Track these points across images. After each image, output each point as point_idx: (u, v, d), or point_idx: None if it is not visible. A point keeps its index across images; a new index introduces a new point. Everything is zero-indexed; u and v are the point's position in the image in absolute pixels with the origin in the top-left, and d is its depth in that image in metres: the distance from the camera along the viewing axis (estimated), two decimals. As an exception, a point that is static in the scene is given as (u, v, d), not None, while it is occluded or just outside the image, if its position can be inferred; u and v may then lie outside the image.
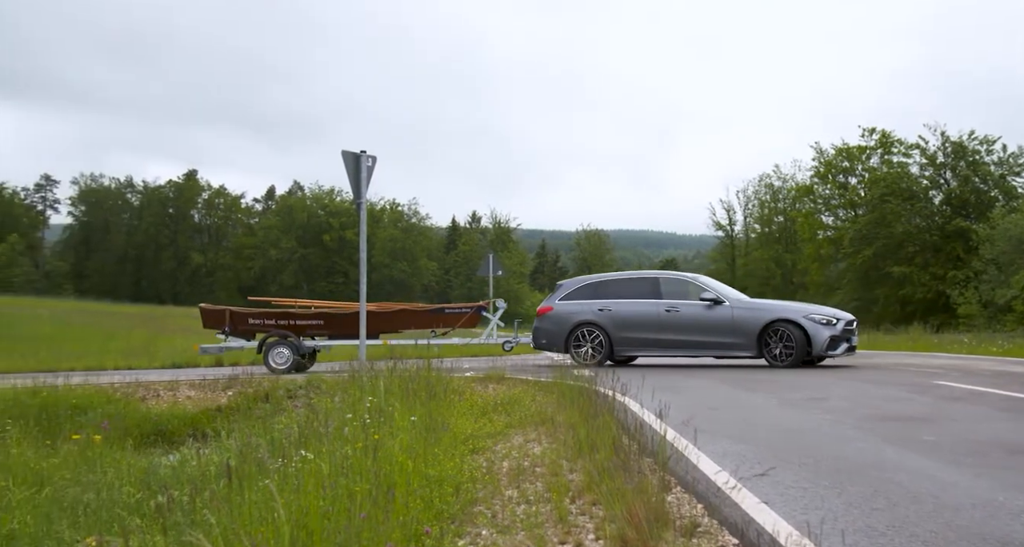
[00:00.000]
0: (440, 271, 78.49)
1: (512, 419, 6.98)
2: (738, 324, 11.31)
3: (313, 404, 7.85)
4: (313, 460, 4.30)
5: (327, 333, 13.30)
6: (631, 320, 11.78)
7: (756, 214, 62.83)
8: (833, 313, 11.47)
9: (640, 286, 12.15)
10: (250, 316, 13.25)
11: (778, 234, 60.75)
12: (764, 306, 11.84)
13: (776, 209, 61.05)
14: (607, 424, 5.42)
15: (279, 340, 12.84)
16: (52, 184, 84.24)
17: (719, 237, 65.31)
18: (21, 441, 6.98)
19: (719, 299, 11.62)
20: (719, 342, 11.44)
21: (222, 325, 13.08)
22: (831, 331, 11.06)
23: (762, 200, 62.16)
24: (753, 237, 63.26)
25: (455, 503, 4.10)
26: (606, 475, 4.13)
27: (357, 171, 11.07)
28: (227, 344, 13.11)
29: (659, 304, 11.76)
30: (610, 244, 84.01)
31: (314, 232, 76.44)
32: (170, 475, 5.83)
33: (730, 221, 64.06)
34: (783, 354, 11.12)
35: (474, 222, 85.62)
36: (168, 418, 9.94)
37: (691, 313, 11.60)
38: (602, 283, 12.57)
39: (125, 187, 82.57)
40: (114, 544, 3.01)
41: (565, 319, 12.07)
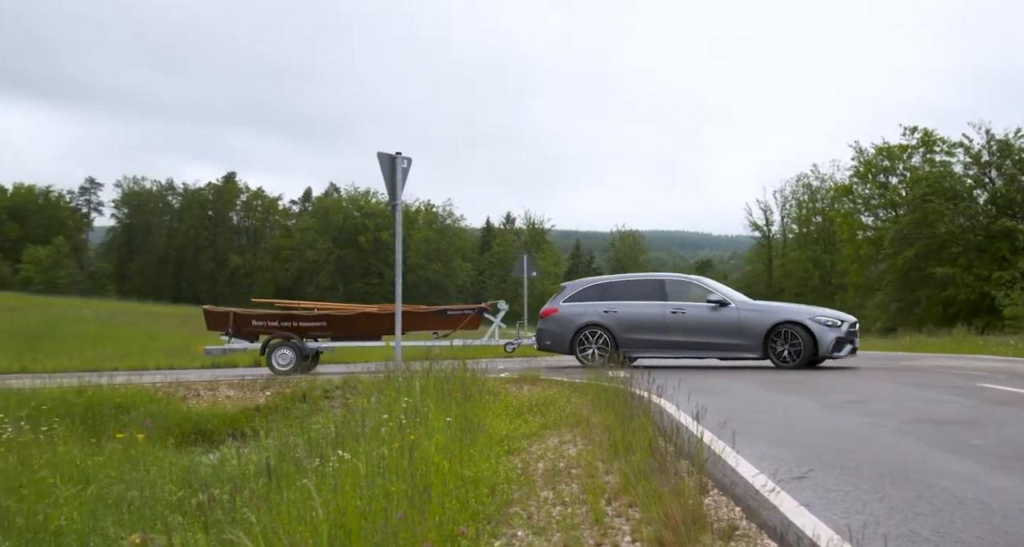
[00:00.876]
0: (474, 272, 78.75)
1: (547, 420, 6.97)
2: (744, 326, 11.40)
3: (350, 404, 7.92)
4: (350, 460, 4.34)
5: (330, 334, 13.30)
6: (637, 322, 11.85)
7: (794, 214, 62.08)
8: (837, 315, 11.58)
9: (645, 288, 12.24)
10: (253, 318, 13.25)
11: (816, 234, 59.97)
12: (770, 308, 11.99)
13: (814, 209, 60.27)
14: (643, 426, 5.38)
15: (282, 342, 12.84)
16: (96, 187, 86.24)
17: (756, 238, 64.63)
18: (68, 439, 7.14)
19: (725, 301, 11.70)
20: (725, 343, 11.51)
21: (226, 327, 13.08)
22: (836, 333, 11.18)
23: (800, 200, 61.42)
24: (791, 238, 62.52)
25: (491, 504, 4.11)
26: (642, 477, 4.10)
27: (392, 173, 11.14)
28: (231, 346, 13.11)
29: (665, 306, 11.84)
30: (645, 245, 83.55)
31: (350, 233, 77.18)
32: (210, 474, 5.92)
33: (767, 221, 63.38)
34: (790, 355, 11.20)
35: (508, 223, 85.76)
36: (208, 417, 10.10)
37: (697, 315, 11.67)
38: (607, 285, 12.65)
39: (166, 189, 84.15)
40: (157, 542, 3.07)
41: (570, 321, 12.13)
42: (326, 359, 14.99)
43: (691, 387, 7.50)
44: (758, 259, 65.07)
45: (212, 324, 13.38)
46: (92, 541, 4.39)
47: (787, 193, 62.23)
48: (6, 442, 6.77)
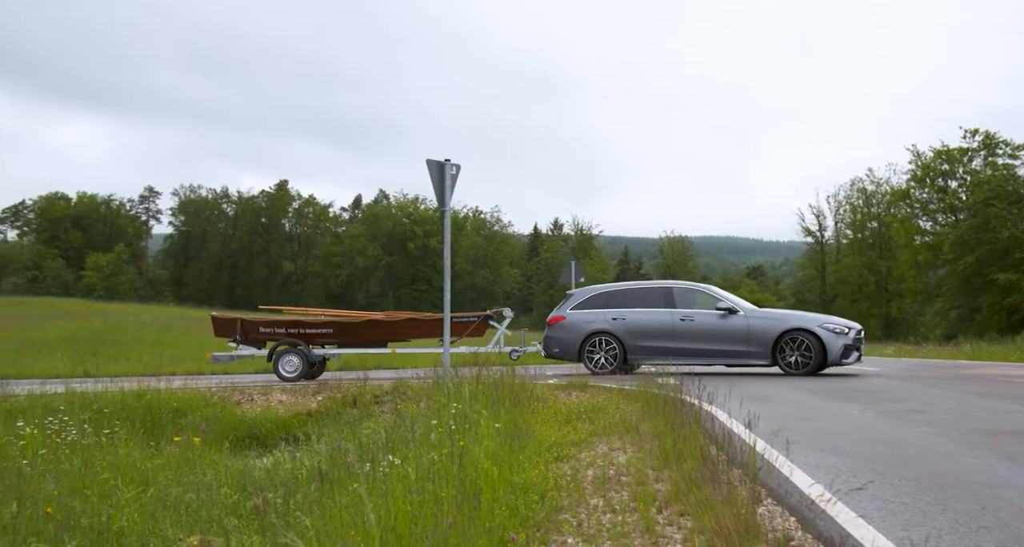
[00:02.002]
0: (522, 278, 78.85)
1: (596, 427, 6.93)
2: (754, 333, 11.50)
3: (399, 410, 7.98)
4: (400, 465, 4.37)
5: (336, 341, 13.34)
6: (646, 329, 11.96)
7: (848, 219, 60.89)
8: (844, 323, 11.68)
9: (653, 296, 12.33)
10: (261, 325, 13.31)
11: (872, 240, 58.70)
12: (779, 316, 12.04)
13: (869, 214, 59.03)
14: (694, 433, 5.32)
15: (289, 349, 12.91)
16: (155, 195, 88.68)
17: (808, 243, 63.54)
18: (128, 442, 7.35)
19: (734, 308, 11.78)
20: (734, 351, 11.59)
21: (233, 334, 13.15)
22: (844, 340, 11.30)
23: (854, 205, 60.23)
24: (845, 243, 61.31)
25: (540, 511, 4.09)
26: (694, 485, 4.05)
27: (441, 179, 11.23)
28: (238, 352, 13.17)
29: (673, 313, 11.95)
30: (694, 251, 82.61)
31: (399, 240, 77.97)
32: (264, 477, 6.02)
33: (820, 227, 62.27)
34: (800, 363, 11.32)
35: (556, 229, 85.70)
36: (262, 422, 10.26)
37: (706, 322, 11.77)
38: (614, 293, 12.67)
39: (221, 197, 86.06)
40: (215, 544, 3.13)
41: (578, 328, 12.19)
42: (375, 364, 15.15)
43: (743, 394, 7.39)
44: (810, 265, 63.94)
45: (220, 331, 13.43)
46: (152, 542, 4.50)
47: (841, 198, 61.14)
48: (71, 444, 7.00)
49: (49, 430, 7.43)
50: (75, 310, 43.87)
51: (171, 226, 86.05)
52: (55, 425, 7.59)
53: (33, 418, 7.87)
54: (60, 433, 7.37)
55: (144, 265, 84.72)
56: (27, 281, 71.27)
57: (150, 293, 74.90)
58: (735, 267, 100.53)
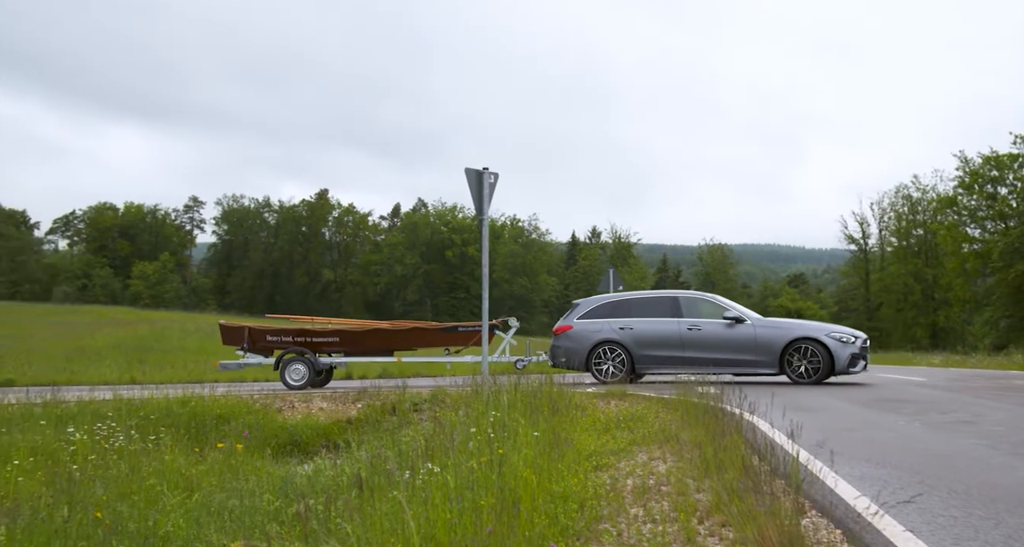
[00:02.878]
0: (560, 286, 78.73)
1: (635, 436, 6.88)
2: (761, 342, 11.58)
3: (438, 417, 8.01)
4: (440, 473, 4.38)
5: (343, 350, 13.38)
6: (653, 338, 12.03)
7: (893, 227, 59.81)
8: (851, 332, 11.75)
9: (660, 305, 12.42)
10: (268, 333, 13.40)
11: (917, 247, 57.57)
12: (786, 325, 12.12)
13: (915, 221, 57.94)
14: (735, 443, 5.25)
15: (295, 357, 12.97)
16: (199, 205, 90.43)
17: (851, 251, 62.54)
18: (173, 448, 7.48)
19: (741, 318, 11.86)
20: (741, 360, 11.64)
21: (241, 342, 13.27)
22: (851, 349, 11.39)
23: (899, 212, 59.16)
24: (889, 251, 60.24)
25: (580, 520, 4.07)
26: (735, 496, 3.99)
27: (480, 188, 11.28)
28: (246, 360, 13.28)
29: (680, 322, 12.03)
30: (734, 258, 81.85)
31: (437, 248, 78.39)
32: (305, 484, 6.08)
33: (864, 234, 61.26)
34: (808, 371, 11.40)
35: (594, 237, 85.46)
36: (302, 429, 10.37)
37: (713, 331, 11.85)
38: (621, 302, 12.73)
39: (263, 207, 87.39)
40: (258, 548, 3.17)
41: (585, 337, 12.26)
42: (413, 372, 15.23)
43: (785, 404, 7.28)
44: (854, 273, 62.91)
45: (228, 339, 13.58)
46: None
47: (885, 205, 60.14)
48: (119, 450, 7.15)
49: (98, 436, 7.60)
50: (122, 318, 44.87)
51: (214, 235, 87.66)
52: (103, 431, 7.77)
53: (83, 424, 8.07)
54: (108, 439, 7.54)
55: (188, 274, 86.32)
56: (77, 290, 73.14)
57: (194, 301, 76.27)
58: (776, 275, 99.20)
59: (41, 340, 29.22)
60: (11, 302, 60.92)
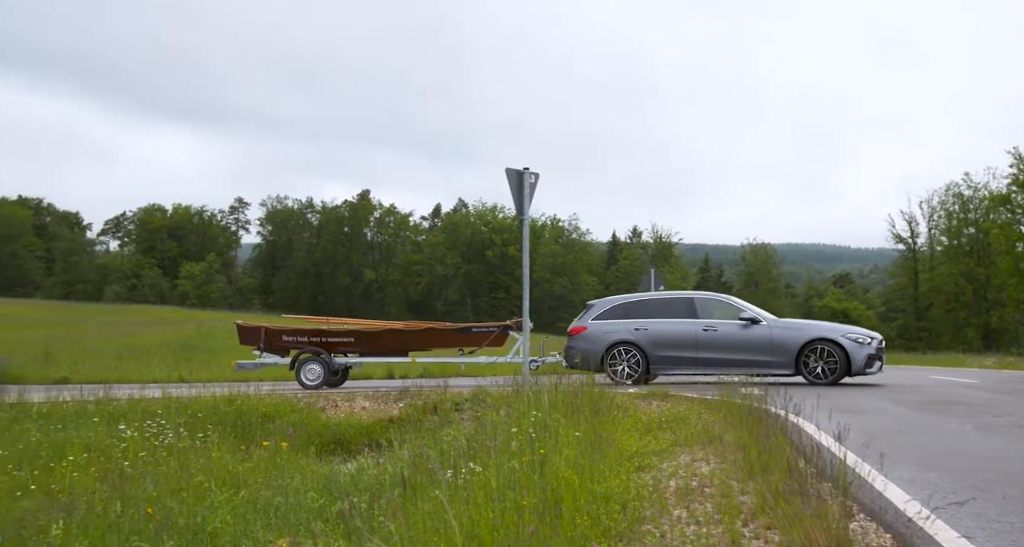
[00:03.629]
0: (600, 286, 78.38)
1: (678, 437, 6.82)
2: (777, 343, 11.59)
3: (479, 417, 8.03)
4: (481, 473, 4.40)
5: (358, 350, 13.42)
6: (668, 339, 12.06)
7: (943, 226, 58.40)
8: (867, 333, 11.74)
9: (675, 306, 12.46)
10: (284, 333, 13.45)
11: (969, 247, 56.14)
12: (801, 326, 12.15)
13: (966, 220, 56.51)
14: (780, 445, 5.18)
15: (311, 357, 13.03)
16: (244, 206, 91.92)
17: (899, 250, 61.19)
18: (220, 446, 7.61)
19: (756, 319, 11.88)
20: (757, 360, 11.57)
21: (257, 342, 13.32)
22: (868, 350, 11.36)
23: (949, 211, 57.74)
24: (939, 250, 58.84)
25: (622, 521, 4.05)
26: (781, 498, 3.94)
27: (520, 188, 11.28)
28: (262, 360, 13.33)
29: (696, 323, 12.05)
30: (777, 258, 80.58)
31: (477, 248, 78.61)
32: (349, 482, 6.14)
33: (912, 233, 59.89)
34: (824, 372, 11.37)
35: (635, 237, 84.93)
36: (345, 428, 10.48)
37: (729, 332, 11.87)
38: (636, 303, 12.74)
39: (306, 207, 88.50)
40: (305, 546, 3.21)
41: (600, 338, 12.29)
42: (454, 372, 15.29)
43: (831, 405, 7.16)
44: (902, 273, 61.57)
45: (244, 339, 13.63)
46: (244, 544, 4.65)
47: (935, 203, 58.73)
48: (168, 447, 7.31)
49: (148, 433, 7.77)
50: (170, 317, 45.83)
51: (259, 236, 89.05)
52: (153, 428, 7.94)
53: (133, 421, 8.26)
54: (158, 436, 7.71)
55: (233, 274, 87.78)
56: (127, 290, 74.90)
57: (239, 301, 77.51)
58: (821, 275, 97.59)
59: (93, 339, 30.00)
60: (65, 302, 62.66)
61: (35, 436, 7.74)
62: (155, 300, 70.12)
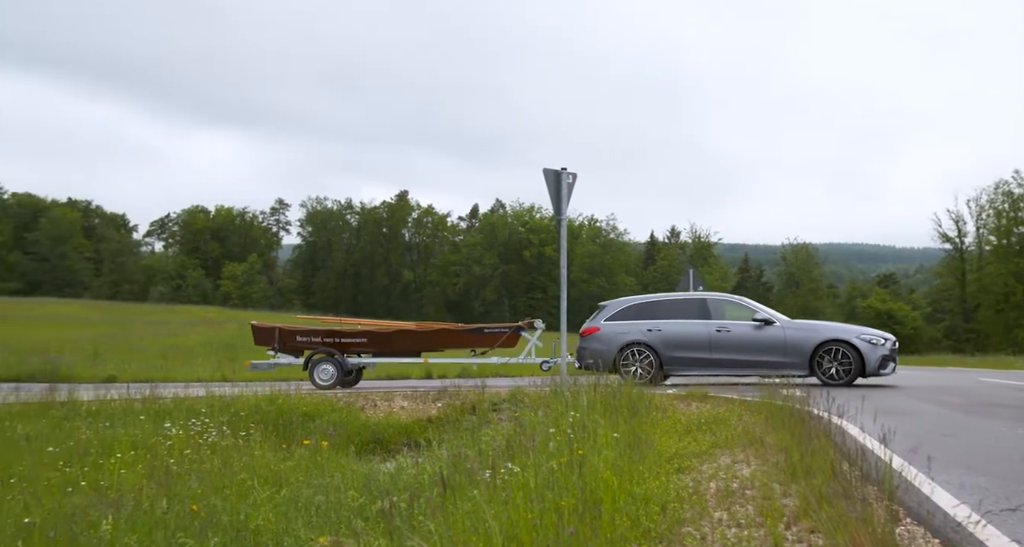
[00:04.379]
0: (638, 287, 77.95)
1: (718, 438, 6.76)
2: (791, 344, 11.59)
3: (517, 417, 8.04)
4: (520, 473, 4.40)
5: (371, 351, 13.47)
6: (682, 340, 12.07)
7: (992, 224, 57.01)
8: (880, 334, 11.74)
9: (688, 307, 12.49)
10: (298, 333, 13.56)
11: (1019, 246, 54.74)
12: (815, 327, 12.13)
13: (1017, 219, 55.13)
14: (823, 447, 5.10)
15: (324, 357, 13.11)
16: (284, 207, 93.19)
17: (946, 250, 59.89)
18: (262, 444, 7.73)
19: (770, 320, 11.89)
20: (771, 361, 11.63)
21: (272, 342, 13.46)
22: (882, 351, 11.36)
23: (999, 209, 56.40)
24: (988, 250, 57.41)
25: (662, 523, 4.02)
26: (825, 501, 3.88)
27: (558, 188, 11.27)
28: (277, 360, 13.48)
29: (709, 324, 12.06)
30: (819, 258, 79.33)
31: (515, 249, 78.68)
32: (388, 482, 6.19)
33: (959, 233, 58.57)
34: (838, 373, 11.33)
35: (673, 237, 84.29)
36: (384, 427, 10.56)
37: (742, 333, 11.88)
38: (648, 304, 12.76)
39: (345, 208, 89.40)
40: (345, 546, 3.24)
41: (613, 339, 12.30)
42: (490, 372, 15.33)
43: (876, 407, 7.03)
44: (949, 273, 60.26)
45: (259, 339, 13.83)
46: (286, 542, 4.71)
47: (983, 202, 57.43)
48: (212, 445, 7.44)
49: (192, 431, 7.92)
50: (213, 317, 46.63)
51: (299, 237, 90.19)
52: (197, 426, 8.09)
53: (178, 419, 8.42)
54: (202, 434, 7.85)
55: (274, 274, 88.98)
56: (171, 290, 76.41)
57: (280, 301, 78.54)
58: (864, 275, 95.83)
59: (140, 339, 30.65)
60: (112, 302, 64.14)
61: (85, 433, 7.93)
62: (198, 300, 71.43)
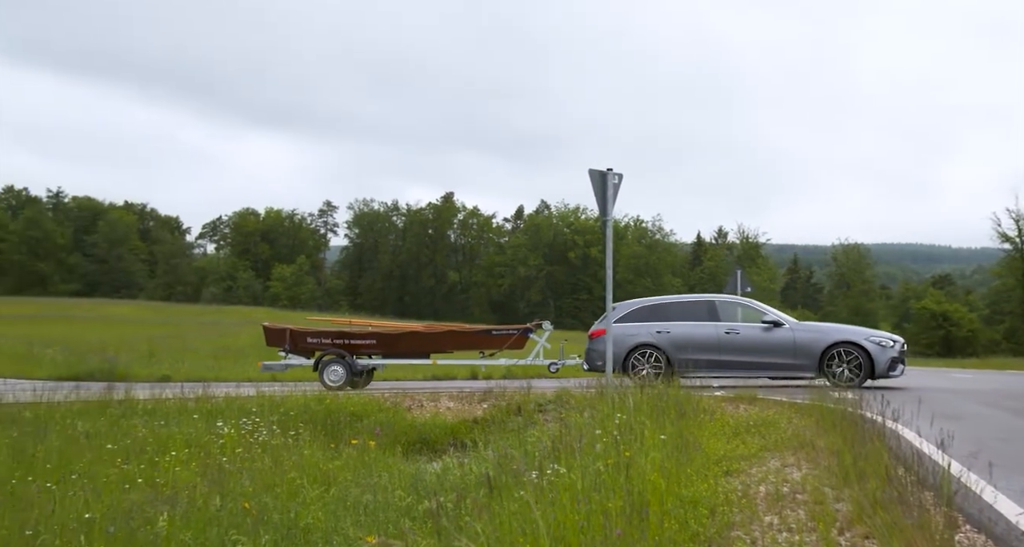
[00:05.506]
0: (685, 288, 77.22)
1: (767, 441, 6.65)
2: (800, 346, 11.65)
3: (563, 419, 8.02)
4: (566, 474, 4.39)
5: (380, 352, 13.51)
6: (691, 342, 12.08)
7: (1054, 223, 55.03)
8: (890, 336, 11.80)
9: (696, 309, 12.56)
10: (308, 335, 13.64)
11: (1084, 245, 52.82)
12: (825, 329, 12.29)
13: (1081, 217, 53.14)
14: (877, 451, 4.98)
15: (334, 358, 13.17)
16: (332, 209, 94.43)
17: (1005, 250, 57.96)
18: (311, 443, 7.84)
19: (779, 322, 11.96)
20: (780, 363, 11.75)
21: (283, 343, 13.53)
22: (891, 353, 11.40)
23: (1061, 208, 54.36)
24: (1050, 250, 55.45)
25: (711, 526, 3.98)
26: (880, 507, 3.79)
27: (603, 189, 11.20)
28: (288, 361, 13.54)
29: (718, 326, 12.11)
30: (871, 259, 77.67)
31: (560, 250, 78.57)
32: (435, 482, 6.22)
33: (1020, 232, 56.67)
34: (850, 375, 11.36)
35: (720, 237, 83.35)
36: (430, 427, 10.62)
37: (751, 335, 11.94)
38: (657, 306, 12.80)
39: (391, 210, 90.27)
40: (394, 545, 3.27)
41: (622, 341, 12.25)
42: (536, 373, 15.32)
43: (933, 411, 6.85)
44: (1008, 274, 58.34)
45: (271, 340, 13.89)
46: (335, 540, 4.77)
47: (1046, 199, 55.42)
48: (262, 444, 7.57)
49: (243, 430, 8.06)
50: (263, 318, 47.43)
51: (346, 238, 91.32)
52: (248, 425, 8.23)
53: (230, 418, 8.58)
54: (253, 433, 7.98)
55: (322, 276, 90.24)
56: (223, 291, 78.04)
57: (328, 302, 79.60)
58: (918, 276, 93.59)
59: (193, 339, 31.34)
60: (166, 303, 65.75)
61: (141, 431, 8.13)
62: (249, 301, 72.79)
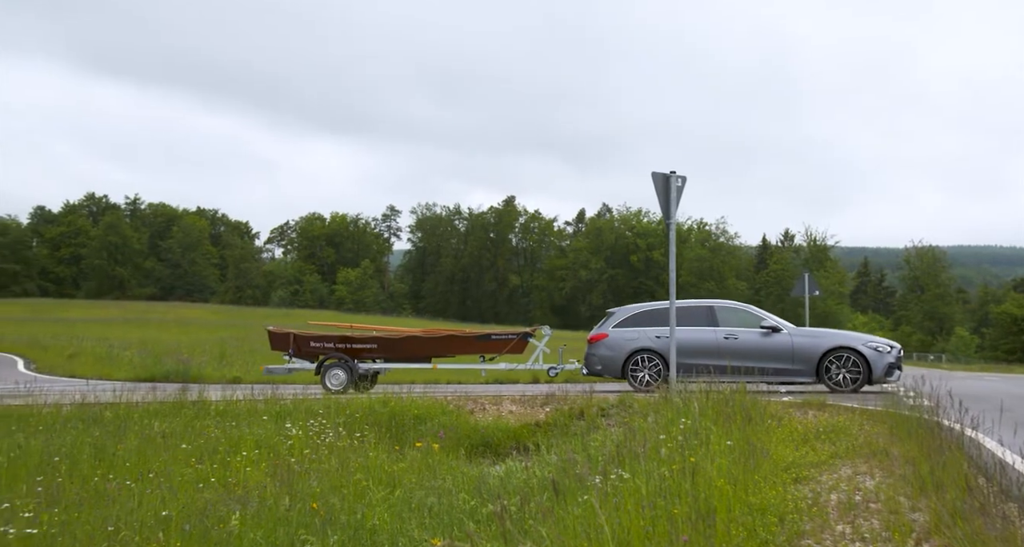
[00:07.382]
0: (750, 291, 75.86)
1: (838, 449, 6.48)
2: (798, 351, 11.78)
3: (627, 423, 7.96)
4: (630, 479, 4.35)
5: (382, 356, 13.54)
6: (690, 347, 12.08)
7: None
8: (886, 342, 11.90)
9: (696, 314, 12.58)
10: (312, 339, 13.70)
11: None
12: (823, 334, 12.30)
13: None
14: (956, 460, 4.81)
15: (336, 362, 13.21)
16: (395, 214, 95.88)
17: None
18: (377, 445, 7.95)
19: (777, 327, 12.08)
20: (779, 368, 11.86)
21: (287, 347, 13.62)
22: (888, 358, 11.54)
23: None
24: None
25: (780, 534, 3.90)
26: (959, 517, 3.66)
27: (667, 192, 11.09)
28: (291, 365, 13.63)
29: (717, 331, 12.24)
30: (946, 261, 74.97)
31: (621, 253, 78.13)
32: (498, 485, 6.24)
33: (1106, 231, 54.08)
34: (846, 380, 11.51)
35: (787, 240, 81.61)
36: (493, 431, 10.65)
37: (750, 340, 12.06)
38: (657, 311, 12.75)
39: (453, 214, 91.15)
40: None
41: (621, 346, 12.46)
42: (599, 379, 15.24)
43: (1016, 420, 6.58)
44: (1095, 273, 55.70)
45: (275, 345, 14.03)
46: (401, 542, 4.83)
47: None
48: (329, 445, 7.71)
49: (311, 432, 8.23)
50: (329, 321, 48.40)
51: (409, 242, 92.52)
52: (315, 427, 8.40)
53: (297, 420, 8.76)
54: (320, 435, 8.14)
55: (386, 279, 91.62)
56: (290, 295, 79.89)
57: (391, 306, 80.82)
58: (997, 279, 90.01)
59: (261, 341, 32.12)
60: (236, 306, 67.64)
61: (214, 432, 8.36)
62: (315, 305, 74.40)
